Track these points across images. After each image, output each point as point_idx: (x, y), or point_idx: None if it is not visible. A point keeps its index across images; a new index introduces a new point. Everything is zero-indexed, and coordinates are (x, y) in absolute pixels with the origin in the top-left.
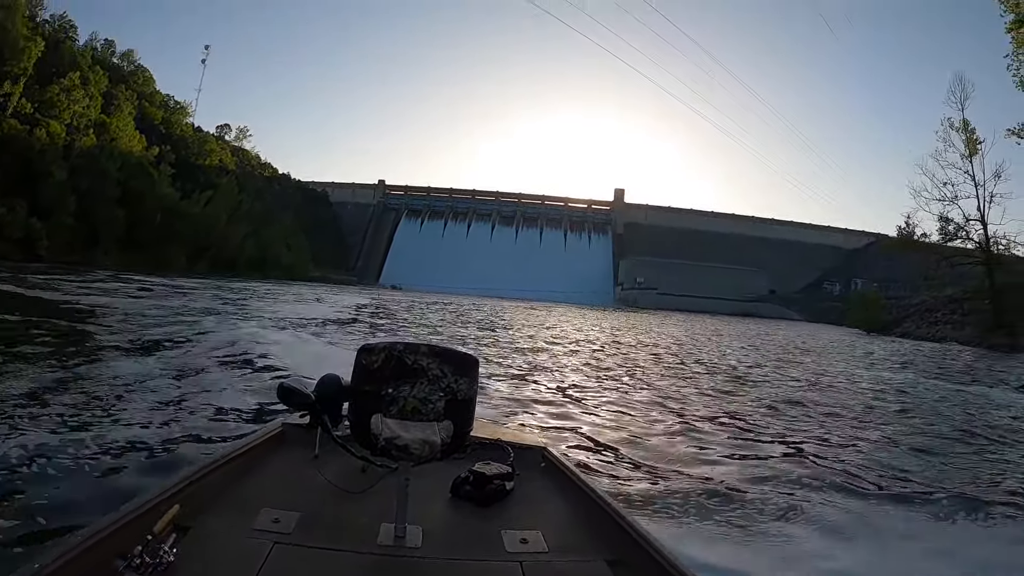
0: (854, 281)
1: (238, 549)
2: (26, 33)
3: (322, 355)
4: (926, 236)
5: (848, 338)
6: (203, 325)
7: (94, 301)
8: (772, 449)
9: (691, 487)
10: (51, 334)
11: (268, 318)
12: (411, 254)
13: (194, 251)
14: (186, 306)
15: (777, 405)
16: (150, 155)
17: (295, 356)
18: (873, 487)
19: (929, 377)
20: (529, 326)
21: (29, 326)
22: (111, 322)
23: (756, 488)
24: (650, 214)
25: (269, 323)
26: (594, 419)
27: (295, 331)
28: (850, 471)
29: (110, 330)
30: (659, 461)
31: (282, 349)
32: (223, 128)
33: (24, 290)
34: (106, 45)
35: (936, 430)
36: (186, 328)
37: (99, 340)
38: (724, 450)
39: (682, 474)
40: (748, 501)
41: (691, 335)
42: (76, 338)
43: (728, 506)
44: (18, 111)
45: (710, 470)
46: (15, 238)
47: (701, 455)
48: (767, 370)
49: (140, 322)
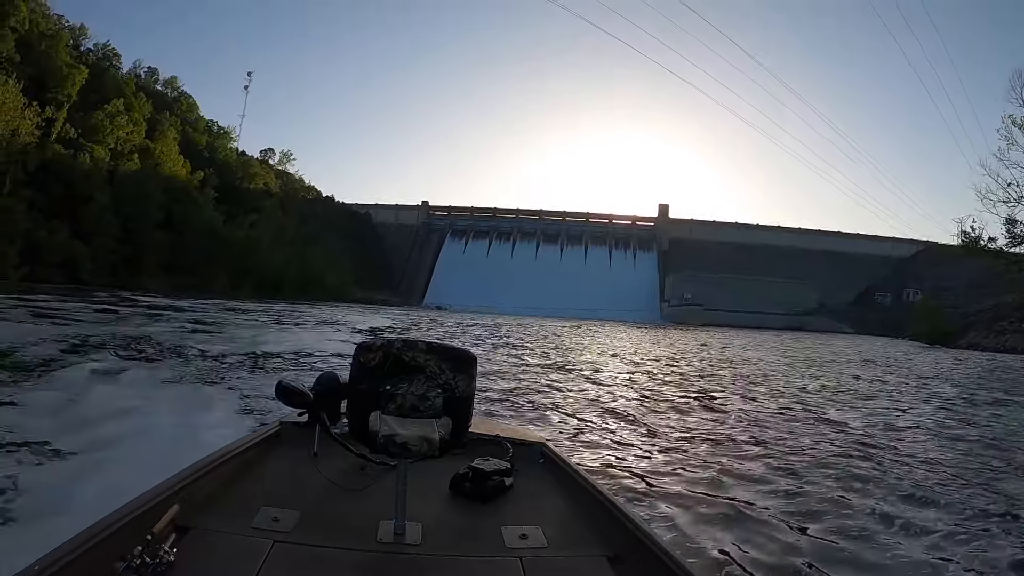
0: (905, 291)
1: (238, 548)
2: (69, 61)
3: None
4: (993, 240)
5: (917, 353)
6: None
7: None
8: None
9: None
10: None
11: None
12: (455, 274)
13: (238, 273)
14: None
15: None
16: (194, 179)
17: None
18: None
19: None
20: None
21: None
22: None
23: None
24: (695, 228)
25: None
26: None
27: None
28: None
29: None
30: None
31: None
32: (267, 152)
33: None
34: (149, 72)
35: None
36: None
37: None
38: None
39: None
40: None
41: (776, 358)
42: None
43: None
44: (62, 136)
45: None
46: (56, 262)
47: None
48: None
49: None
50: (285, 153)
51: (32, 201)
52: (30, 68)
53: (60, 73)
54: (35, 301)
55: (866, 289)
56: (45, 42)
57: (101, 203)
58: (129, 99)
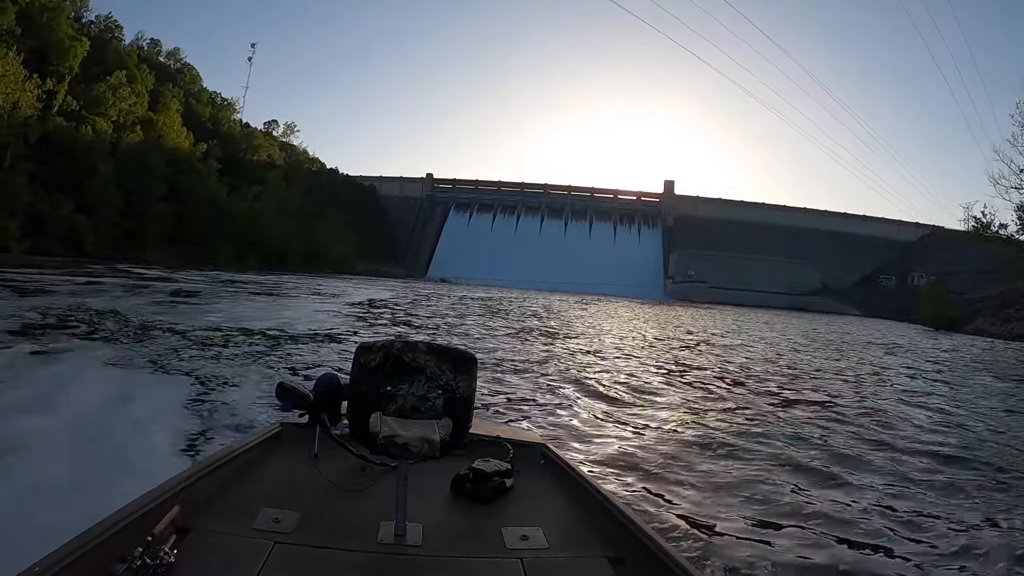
0: (910, 275)
1: (239, 549)
2: (71, 33)
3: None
4: (1004, 227)
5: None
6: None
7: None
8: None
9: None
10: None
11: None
12: (460, 247)
13: (243, 246)
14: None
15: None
16: (197, 151)
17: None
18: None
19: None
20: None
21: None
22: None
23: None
24: (700, 206)
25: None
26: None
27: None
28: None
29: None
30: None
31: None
32: (271, 124)
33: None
34: (152, 44)
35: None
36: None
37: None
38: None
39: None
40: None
41: (796, 342)
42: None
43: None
44: (64, 109)
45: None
46: (59, 234)
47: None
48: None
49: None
50: (289, 125)
51: (34, 174)
52: (31, 40)
53: (62, 45)
54: (19, 273)
55: (871, 272)
56: (46, 14)
57: (104, 176)
58: (132, 71)
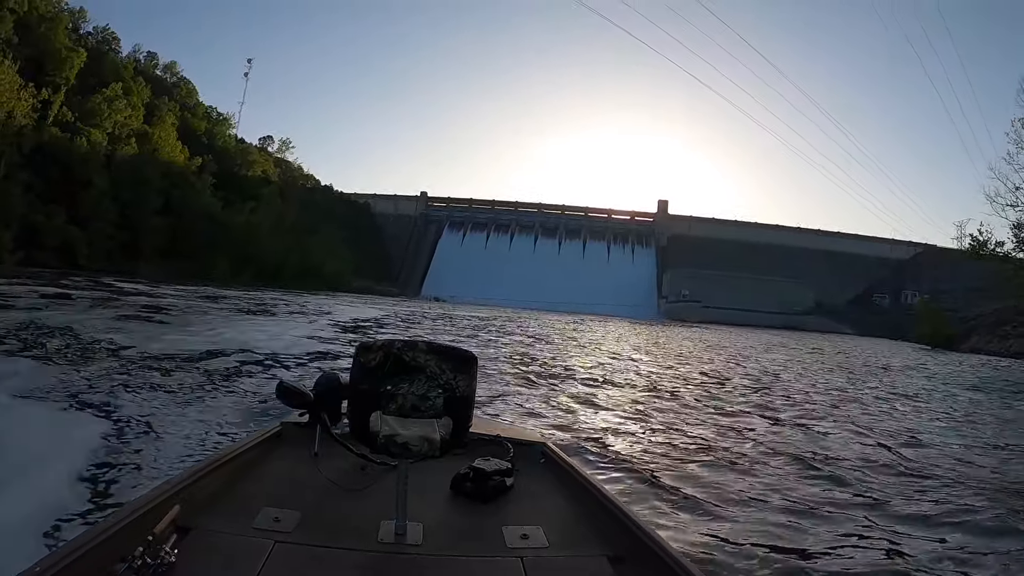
0: (903, 293)
1: (239, 549)
2: (68, 44)
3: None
4: (1000, 245)
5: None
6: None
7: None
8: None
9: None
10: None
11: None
12: (453, 266)
13: (238, 260)
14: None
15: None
16: (192, 165)
17: None
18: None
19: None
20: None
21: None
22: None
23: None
24: (694, 225)
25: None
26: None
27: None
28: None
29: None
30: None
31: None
32: (266, 140)
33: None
34: (149, 57)
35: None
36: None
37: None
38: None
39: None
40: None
41: (796, 359)
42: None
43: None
44: (59, 119)
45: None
46: (52, 246)
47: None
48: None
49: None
50: (284, 141)
51: (29, 185)
52: (28, 50)
53: (58, 56)
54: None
55: (864, 290)
56: (44, 24)
57: (99, 188)
58: (128, 83)
